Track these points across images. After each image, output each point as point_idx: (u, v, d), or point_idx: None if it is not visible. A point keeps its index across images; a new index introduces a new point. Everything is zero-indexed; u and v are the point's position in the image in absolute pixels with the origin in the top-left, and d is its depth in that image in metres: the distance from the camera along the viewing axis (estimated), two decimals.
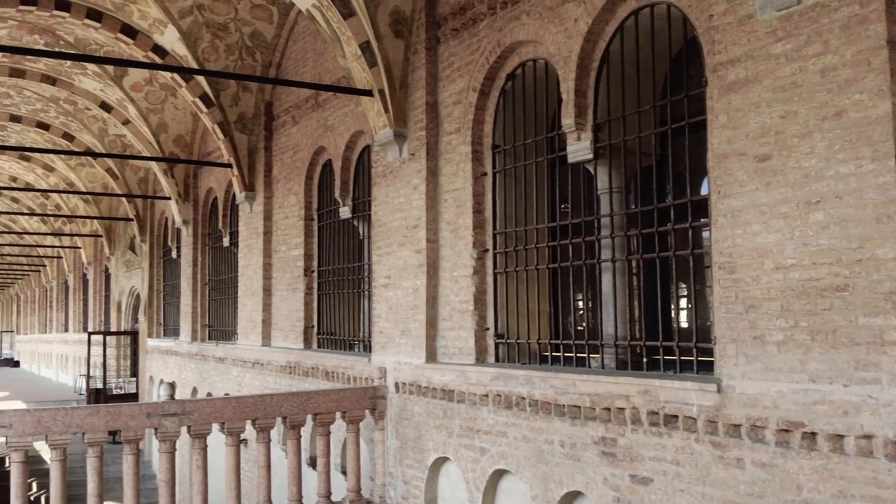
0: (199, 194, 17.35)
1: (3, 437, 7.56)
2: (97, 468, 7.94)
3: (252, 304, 13.82)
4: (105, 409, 8.10)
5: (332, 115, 11.67)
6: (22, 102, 19.26)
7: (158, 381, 19.43)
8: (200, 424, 8.42)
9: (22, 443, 7.61)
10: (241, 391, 13.90)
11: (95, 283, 28.43)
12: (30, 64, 16.44)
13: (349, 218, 11.42)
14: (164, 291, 20.52)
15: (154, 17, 12.72)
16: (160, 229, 20.78)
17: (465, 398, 8.06)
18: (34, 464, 14.01)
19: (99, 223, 25.10)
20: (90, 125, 19.62)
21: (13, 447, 7.59)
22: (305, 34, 12.58)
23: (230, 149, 13.74)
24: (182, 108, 16.58)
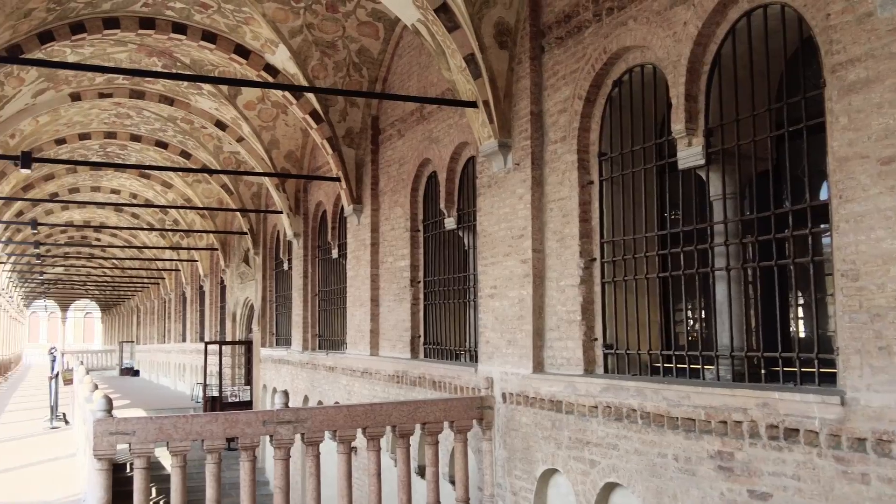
0: (309, 208, 17.82)
1: (127, 443, 7.94)
2: (215, 474, 8.22)
3: (360, 314, 14.08)
4: (223, 417, 8.40)
5: (437, 128, 11.79)
6: (142, 122, 20.26)
7: (271, 390, 20.04)
8: (313, 432, 8.62)
9: (145, 449, 7.95)
10: (350, 400, 14.16)
11: (211, 295, 29.57)
12: (149, 85, 17.29)
13: (454, 229, 11.51)
14: (276, 302, 21.16)
15: (266, 38, 13.18)
16: (272, 242, 21.45)
17: (574, 409, 7.97)
18: (153, 470, 14.68)
19: (214, 237, 26.12)
20: (206, 143, 20.46)
21: (136, 454, 7.95)
22: (410, 49, 12.78)
23: (338, 163, 14.07)
24: (292, 125, 17.10)
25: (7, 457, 14.31)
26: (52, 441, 16.76)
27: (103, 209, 31.54)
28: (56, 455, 14.59)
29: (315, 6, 12.48)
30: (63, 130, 19.95)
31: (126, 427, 7.89)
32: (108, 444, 7.77)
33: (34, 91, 16.05)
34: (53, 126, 19.36)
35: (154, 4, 12.92)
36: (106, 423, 7.79)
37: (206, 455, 8.19)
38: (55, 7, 12.01)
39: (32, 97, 16.29)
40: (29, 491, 11.43)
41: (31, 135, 18.95)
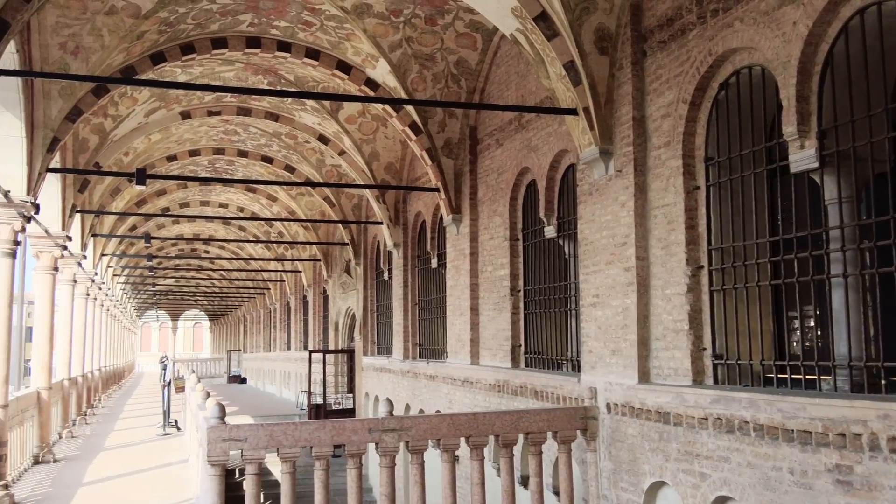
0: (409, 218, 18.04)
1: (239, 450, 8.18)
2: (324, 481, 8.38)
3: (460, 323, 14.14)
4: (330, 424, 8.56)
5: (536, 136, 11.76)
6: (248, 138, 20.94)
7: (373, 398, 20.32)
8: (417, 440, 8.69)
9: (256, 456, 8.17)
10: (451, 408, 14.22)
11: (314, 305, 30.27)
12: (255, 102, 17.87)
13: (554, 237, 11.44)
14: (377, 311, 21.48)
15: (367, 53, 13.44)
16: (373, 252, 21.80)
17: (683, 421, 7.78)
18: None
19: (317, 248, 26.75)
20: (309, 157, 20.99)
21: (248, 460, 8.17)
22: (508, 58, 12.80)
23: (437, 173, 14.20)
24: (392, 137, 17.35)
25: (123, 462, 14.92)
26: (165, 447, 17.38)
27: (212, 223, 32.70)
28: (169, 461, 15.13)
29: (414, 20, 12.66)
30: (174, 147, 20.81)
31: (238, 434, 8.13)
32: (221, 450, 8.02)
33: (147, 110, 16.81)
34: (165, 143, 20.22)
35: (259, 24, 13.35)
36: (219, 430, 8.05)
37: (315, 462, 8.37)
38: (166, 29, 12.56)
39: (145, 116, 17.06)
40: (144, 496, 11.89)
41: (143, 152, 19.84)
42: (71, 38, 11.50)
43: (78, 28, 11.42)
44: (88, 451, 16.34)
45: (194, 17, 12.63)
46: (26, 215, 11.83)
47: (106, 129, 16.10)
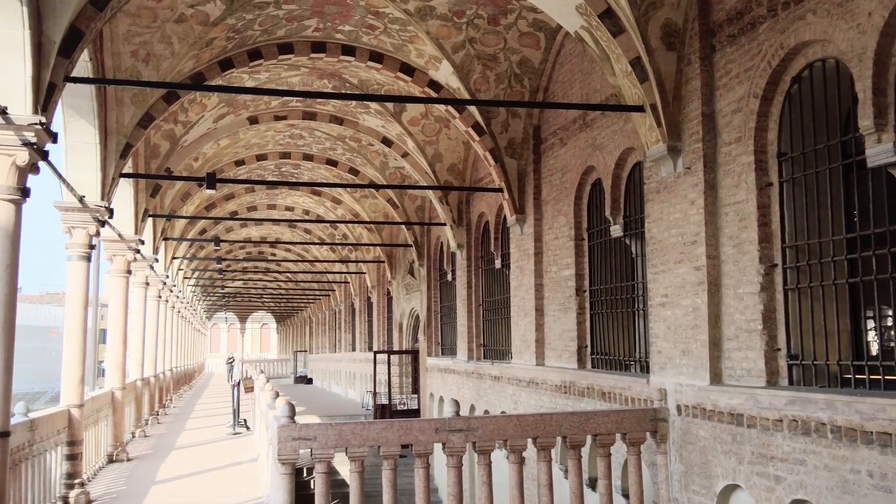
0: (472, 219, 18.04)
1: (309, 448, 8.28)
2: (392, 480, 8.42)
3: (525, 324, 14.08)
4: (398, 424, 8.60)
5: (601, 134, 11.64)
6: (313, 142, 21.21)
7: (438, 398, 20.37)
8: (484, 441, 8.68)
9: (325, 455, 8.26)
10: (517, 409, 14.16)
11: (378, 306, 30.50)
12: (320, 106, 18.09)
13: (620, 236, 11.31)
14: (441, 312, 21.53)
15: (430, 55, 13.49)
16: (436, 254, 21.87)
17: (757, 423, 7.61)
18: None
19: (381, 250, 26.95)
20: (373, 160, 21.17)
21: (317, 458, 8.26)
22: (572, 56, 12.70)
23: (501, 174, 14.16)
24: (455, 139, 17.38)
25: (194, 461, 15.19)
26: (234, 446, 17.65)
27: (278, 225, 33.23)
28: (239, 459, 15.36)
29: (477, 20, 12.66)
30: (242, 152, 21.21)
31: (308, 433, 8.23)
32: (291, 448, 8.13)
33: (216, 116, 17.16)
34: (233, 148, 20.61)
35: (324, 29, 13.52)
36: (289, 429, 8.16)
37: (382, 461, 8.42)
38: (234, 36, 12.80)
39: (214, 122, 17.42)
40: (215, 494, 12.10)
41: (212, 157, 20.26)
42: (142, 46, 11.81)
43: (149, 36, 11.72)
44: (161, 450, 16.69)
45: (261, 23, 12.85)
46: (101, 219, 12.15)
47: (176, 135, 16.48)
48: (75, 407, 11.46)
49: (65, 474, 11.11)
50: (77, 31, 8.05)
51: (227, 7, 12.01)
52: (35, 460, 9.47)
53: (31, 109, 7.73)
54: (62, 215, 11.77)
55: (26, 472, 9.08)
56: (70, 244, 11.85)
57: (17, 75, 7.64)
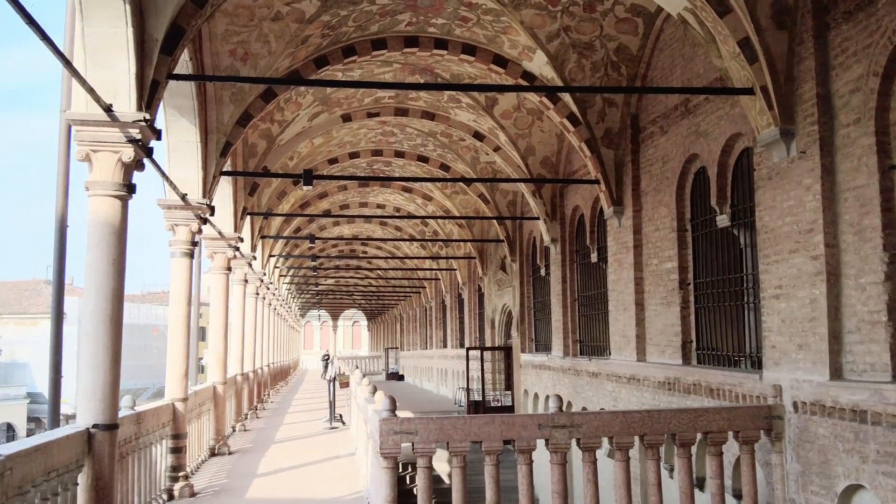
0: (566, 213, 17.71)
1: (410, 442, 8.18)
2: (494, 476, 8.25)
3: (624, 319, 13.70)
4: (500, 419, 8.44)
5: (705, 121, 11.19)
6: (405, 139, 21.24)
7: (533, 395, 20.11)
8: (589, 437, 8.43)
9: (427, 449, 8.15)
10: (616, 407, 13.80)
11: (470, 302, 30.40)
12: (412, 102, 18.07)
13: (727, 226, 10.85)
14: (534, 308, 21.25)
15: (523, 45, 13.26)
16: (528, 249, 21.60)
17: (882, 420, 7.13)
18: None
19: (472, 246, 26.83)
20: (463, 155, 21.05)
21: (419, 453, 8.16)
22: (672, 41, 12.27)
23: (597, 165, 13.82)
24: (547, 131, 17.09)
25: (293, 455, 15.36)
26: (331, 440, 17.79)
27: (370, 223, 33.50)
28: (337, 454, 15.45)
29: (572, 8, 12.36)
30: (335, 150, 21.41)
31: (409, 427, 8.14)
32: (392, 442, 8.05)
33: (311, 114, 17.34)
34: (326, 147, 20.82)
35: (417, 23, 13.44)
36: (391, 423, 8.09)
37: (484, 457, 8.27)
38: (329, 33, 12.85)
39: (309, 120, 17.61)
40: (315, 487, 12.16)
41: (307, 156, 20.50)
42: (240, 45, 11.96)
43: (246, 35, 11.86)
44: (260, 444, 16.95)
45: (355, 19, 12.87)
46: (202, 217, 12.36)
47: (273, 134, 16.71)
48: (179, 401, 11.68)
49: (169, 467, 11.32)
50: (178, 29, 8.15)
51: (321, 4, 12.06)
52: (141, 453, 9.66)
53: (136, 107, 7.86)
54: (165, 213, 12.01)
55: (133, 464, 9.26)
56: (173, 241, 12.08)
57: (121, 73, 7.77)
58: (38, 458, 5.90)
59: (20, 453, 5.56)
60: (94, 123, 7.70)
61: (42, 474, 5.99)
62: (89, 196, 7.78)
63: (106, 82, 7.74)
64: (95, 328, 7.54)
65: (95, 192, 7.72)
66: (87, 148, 7.74)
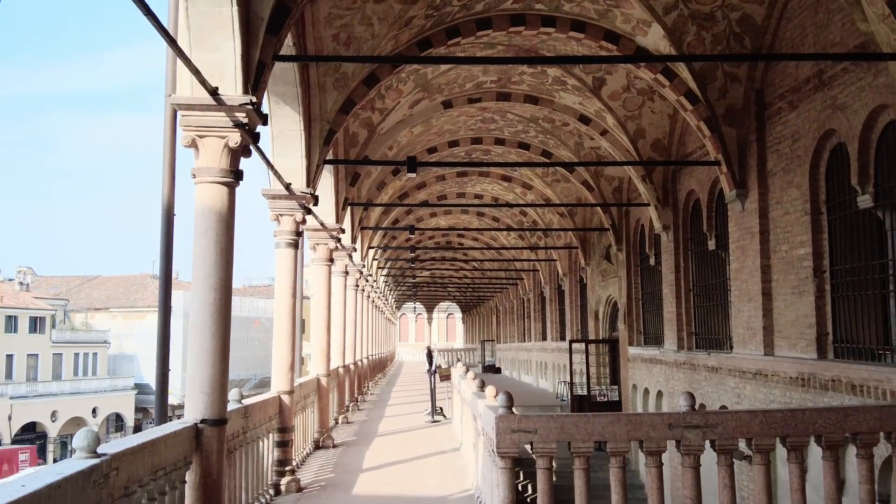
0: (679, 198, 16.81)
1: (529, 442, 7.65)
2: (620, 479, 7.63)
3: (749, 310, 12.80)
4: (626, 418, 7.82)
5: (843, 93, 10.23)
6: (505, 126, 20.66)
7: (642, 390, 19.29)
8: (725, 439, 7.72)
9: (547, 449, 7.59)
10: (739, 404, 12.95)
11: (570, 294, 29.58)
12: (514, 86, 17.45)
13: (869, 207, 9.88)
14: (642, 299, 20.38)
15: (637, 19, 12.49)
16: (635, 237, 20.72)
17: None
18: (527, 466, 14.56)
19: (574, 235, 26.03)
20: (566, 140, 20.32)
21: (539, 453, 7.61)
22: (802, 9, 11.31)
23: (717, 145, 12.96)
24: (659, 112, 16.25)
25: (397, 449, 15.07)
26: (434, 434, 17.46)
27: (466, 213, 33.08)
28: (441, 448, 15.08)
29: None
30: (434, 139, 21.01)
31: (528, 425, 7.61)
32: (510, 441, 7.54)
33: (411, 102, 16.95)
34: (426, 136, 20.44)
35: (523, 0, 12.84)
36: (508, 420, 7.57)
37: (610, 458, 7.67)
38: (433, 13, 12.38)
39: (409, 108, 17.22)
40: (422, 484, 11.79)
41: (406, 146, 20.15)
42: (343, 28, 11.62)
43: (349, 18, 11.50)
44: (363, 437, 16.75)
45: None
46: (306, 206, 12.12)
47: (374, 123, 16.40)
48: (286, 393, 11.47)
49: (276, 461, 11.11)
50: (284, 7, 7.81)
51: None
52: (248, 448, 9.43)
53: (242, 90, 7.56)
54: (270, 203, 11.81)
55: (240, 459, 9.03)
56: (278, 231, 11.89)
57: (226, 54, 7.48)
58: (144, 457, 5.62)
59: (126, 452, 5.27)
60: (200, 108, 7.44)
61: (149, 473, 5.71)
62: (196, 183, 7.53)
63: (211, 65, 7.46)
64: (203, 320, 7.28)
65: (202, 178, 7.46)
66: (193, 133, 7.48)
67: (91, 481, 4.73)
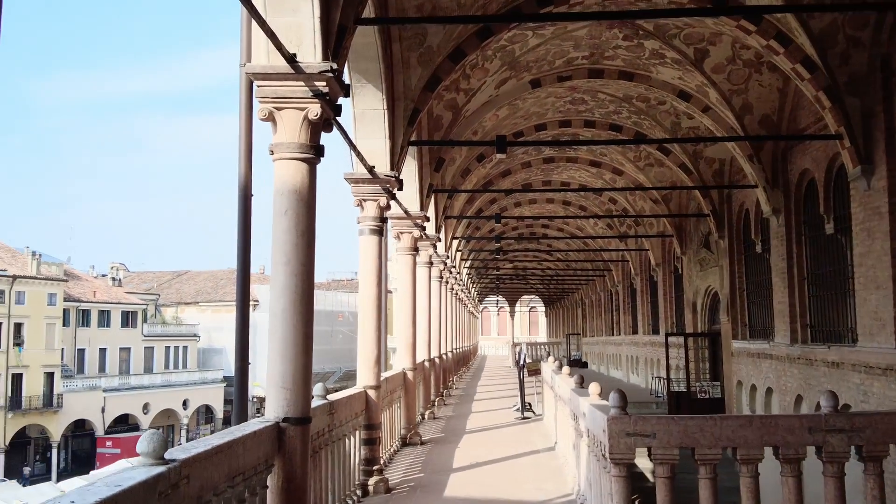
0: (790, 178, 15.53)
1: (646, 446, 6.77)
2: (753, 490, 6.75)
3: (877, 298, 11.57)
4: (759, 421, 6.92)
5: None
6: (596, 107, 19.60)
7: (749, 386, 18.04)
8: (874, 444, 6.72)
9: (668, 455, 6.72)
10: (866, 403, 11.72)
11: (664, 285, 28.22)
12: (608, 62, 16.37)
13: None
14: (746, 289, 19.09)
15: None
16: (739, 223, 19.44)
17: None
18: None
19: (668, 223, 24.73)
20: (662, 120, 19.15)
21: (658, 460, 6.75)
22: None
23: (839, 117, 11.73)
24: (767, 85, 15.03)
25: (487, 447, 14.32)
26: (525, 431, 16.67)
27: (552, 203, 32.03)
28: (535, 447, 14.27)
29: None
30: (520, 123, 20.09)
31: (645, 428, 6.74)
32: (625, 446, 6.69)
33: (497, 81, 16.09)
34: (511, 119, 19.54)
35: None
36: (622, 423, 6.73)
37: (740, 467, 6.76)
38: None
39: (496, 88, 16.36)
40: (518, 487, 10.99)
41: (491, 130, 19.27)
42: None
43: None
44: (451, 434, 16.09)
45: None
46: (390, 190, 11.44)
47: (458, 105, 15.63)
48: (372, 388, 10.85)
49: (362, 460, 10.50)
50: None
51: None
52: (334, 446, 8.78)
53: (321, 56, 6.88)
54: (353, 188, 11.18)
55: (325, 459, 8.39)
56: (361, 217, 11.26)
57: (304, 17, 6.80)
58: (220, 462, 4.96)
59: (198, 457, 4.61)
60: (277, 77, 6.79)
61: (225, 480, 5.05)
62: (274, 160, 6.89)
63: (288, 29, 6.80)
64: (283, 308, 6.62)
65: (280, 154, 6.81)
66: (269, 105, 6.84)
67: (156, 493, 4.07)
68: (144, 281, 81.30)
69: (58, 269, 58.87)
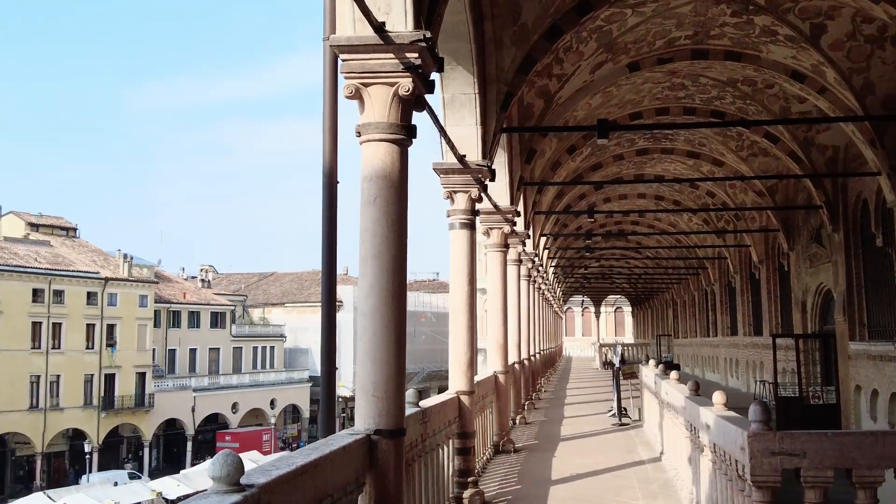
0: None
1: (794, 466, 5.79)
2: None
3: None
4: None
5: None
6: (696, 92, 18.42)
7: (870, 392, 16.61)
8: None
9: (821, 478, 5.75)
10: None
11: (768, 283, 26.59)
12: (714, 42, 15.17)
13: None
14: (865, 287, 17.61)
15: None
16: (856, 214, 17.99)
17: None
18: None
19: (774, 216, 23.22)
20: (770, 105, 17.83)
21: (810, 483, 5.77)
22: None
23: None
24: (891, 62, 13.72)
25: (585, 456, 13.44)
26: (623, 439, 15.70)
27: (644, 198, 30.72)
28: (638, 457, 13.30)
29: None
30: (614, 112, 19.02)
31: (792, 445, 5.78)
32: (769, 467, 5.76)
33: (593, 65, 15.12)
34: (605, 108, 18.51)
35: None
36: (765, 440, 5.79)
37: None
38: None
39: (590, 73, 15.39)
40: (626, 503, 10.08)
41: (583, 119, 18.28)
42: None
43: None
44: (545, 441, 15.26)
45: None
46: (482, 181, 10.64)
47: (551, 91, 14.74)
48: (465, 394, 10.10)
49: (456, 471, 9.77)
50: None
51: None
52: (427, 458, 8.04)
53: (413, 24, 6.15)
54: (442, 179, 10.45)
55: (418, 472, 7.65)
56: (452, 210, 10.52)
57: None
58: (304, 483, 4.24)
59: (280, 480, 3.91)
60: (364, 49, 6.09)
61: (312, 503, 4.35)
62: (361, 143, 6.19)
63: None
64: (375, 308, 5.89)
65: (368, 136, 6.10)
66: (356, 81, 6.13)
67: None
68: (232, 282, 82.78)
69: (149, 272, 60.28)
